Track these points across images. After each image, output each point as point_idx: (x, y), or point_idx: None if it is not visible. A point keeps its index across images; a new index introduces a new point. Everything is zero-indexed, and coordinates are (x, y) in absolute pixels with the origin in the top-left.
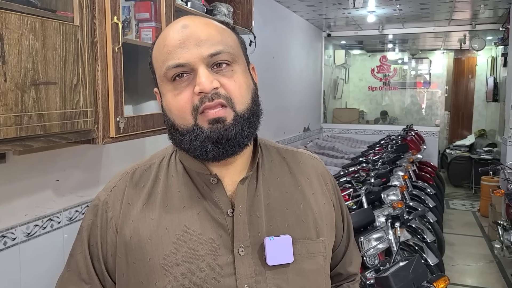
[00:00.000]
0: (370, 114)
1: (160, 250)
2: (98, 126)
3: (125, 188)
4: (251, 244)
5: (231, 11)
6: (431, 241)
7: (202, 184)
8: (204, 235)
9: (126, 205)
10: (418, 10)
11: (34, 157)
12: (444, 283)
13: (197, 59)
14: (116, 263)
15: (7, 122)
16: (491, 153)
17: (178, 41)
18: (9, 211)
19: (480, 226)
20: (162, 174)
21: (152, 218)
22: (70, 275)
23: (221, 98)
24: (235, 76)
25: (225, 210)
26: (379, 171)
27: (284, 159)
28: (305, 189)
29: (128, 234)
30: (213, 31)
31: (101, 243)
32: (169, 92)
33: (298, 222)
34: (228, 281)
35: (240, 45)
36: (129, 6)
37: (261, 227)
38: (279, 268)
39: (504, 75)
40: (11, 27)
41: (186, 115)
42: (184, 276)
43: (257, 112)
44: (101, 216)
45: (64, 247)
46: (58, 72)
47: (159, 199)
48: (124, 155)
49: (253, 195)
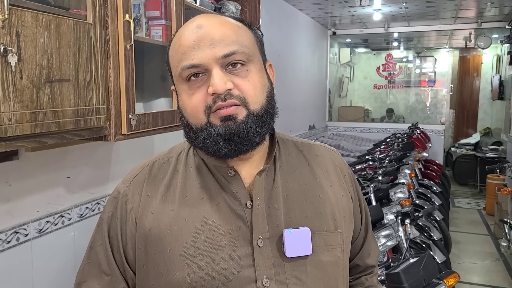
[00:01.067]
0: (375, 112)
1: (180, 241)
2: (110, 123)
3: (144, 180)
4: (269, 236)
5: (239, 9)
6: (438, 239)
7: (220, 177)
8: (223, 227)
9: (146, 197)
10: (424, 8)
11: (45, 154)
12: (454, 279)
13: (211, 60)
14: (136, 255)
15: (23, 119)
16: (497, 152)
17: (192, 42)
18: (21, 207)
19: (486, 224)
20: (180, 167)
21: (172, 210)
22: (90, 267)
23: (234, 98)
24: (250, 76)
25: (244, 202)
26: (387, 169)
27: (301, 152)
28: (322, 181)
29: (148, 226)
30: (228, 30)
31: (121, 235)
32: (184, 91)
33: (317, 214)
34: (247, 272)
35: (257, 42)
36: (139, 4)
37: (279, 219)
38: (298, 260)
39: (510, 73)
40: (27, 24)
41: (199, 114)
42: (204, 267)
43: (271, 112)
44: (120, 208)
45: (75, 244)
46: (71, 69)
47: (178, 191)
48: (133, 152)
49: (271, 187)
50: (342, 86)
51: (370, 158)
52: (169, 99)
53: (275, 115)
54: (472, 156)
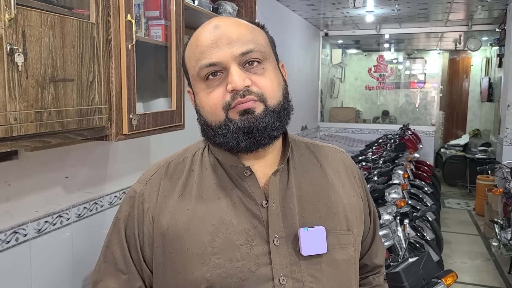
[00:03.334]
0: (365, 113)
1: (197, 239)
2: (112, 123)
3: (160, 180)
4: (285, 234)
5: (235, 9)
6: (431, 239)
7: (235, 177)
8: (240, 225)
9: (162, 196)
10: (415, 10)
11: (45, 154)
12: (452, 278)
13: (229, 58)
14: (153, 254)
15: (28, 118)
16: (486, 153)
17: (210, 41)
18: (20, 207)
19: (476, 224)
20: (196, 167)
21: (188, 209)
22: (106, 266)
23: (253, 94)
24: (266, 73)
25: (259, 201)
26: (382, 169)
27: (313, 153)
28: (334, 182)
29: (165, 225)
30: (244, 30)
31: (138, 234)
32: (202, 90)
33: (330, 213)
34: (264, 271)
35: (270, 43)
36: (139, 4)
37: (294, 218)
38: (313, 259)
39: (499, 75)
40: (32, 24)
41: (218, 111)
42: (221, 265)
43: (288, 108)
44: (137, 207)
45: (73, 244)
46: (75, 69)
47: (194, 190)
48: (131, 152)
49: (285, 187)
50: (333, 87)
51: (363, 159)
52: (168, 99)
53: (291, 111)
54: (461, 157)
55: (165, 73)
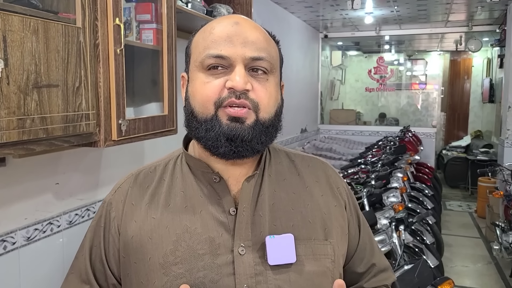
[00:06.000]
0: (366, 115)
1: (160, 249)
2: (100, 129)
3: (128, 189)
4: (252, 243)
5: (230, 12)
6: (430, 243)
7: (205, 183)
8: (204, 234)
9: (129, 205)
10: (415, 11)
11: (34, 160)
12: (449, 286)
13: (239, 57)
14: (120, 264)
15: (9, 126)
16: (488, 154)
17: (226, 34)
18: (9, 215)
19: (477, 227)
20: (167, 176)
21: (154, 217)
22: (72, 277)
23: (248, 100)
24: (268, 85)
25: (227, 208)
26: (379, 173)
27: (292, 162)
28: (313, 190)
29: (130, 234)
30: (261, 37)
31: (104, 243)
32: (199, 79)
33: (304, 222)
34: (226, 281)
35: (279, 60)
36: (130, 7)
37: (263, 226)
38: (281, 268)
39: (500, 76)
40: (14, 29)
41: (209, 105)
42: (182, 276)
43: (277, 126)
44: (105, 216)
45: (64, 251)
46: (60, 74)
47: (162, 199)
48: (123, 158)
49: (257, 194)
50: (333, 89)
51: (362, 162)
52: (160, 103)
53: (279, 130)
54: (463, 159)
55: (157, 77)
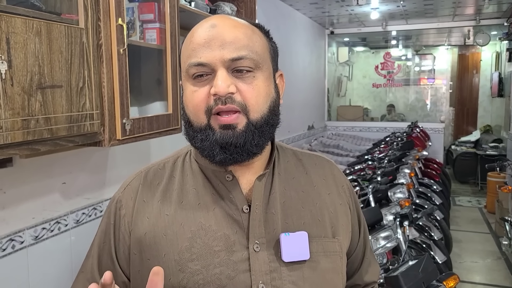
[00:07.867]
0: (374, 111)
1: (175, 246)
2: (104, 129)
3: (138, 186)
4: (266, 240)
5: (234, 10)
6: (438, 239)
7: (217, 182)
8: (219, 231)
9: (141, 202)
10: (421, 6)
11: (40, 160)
12: (454, 281)
13: (218, 61)
14: (130, 261)
15: (14, 126)
16: (497, 149)
17: (203, 40)
18: (17, 215)
19: (487, 222)
20: (177, 173)
21: (167, 214)
22: (82, 276)
23: (235, 104)
24: (255, 82)
25: (241, 206)
26: (385, 169)
27: (300, 161)
28: (320, 189)
29: (143, 231)
30: (240, 34)
31: (114, 241)
32: (188, 88)
33: (314, 220)
34: (242, 277)
35: (269, 50)
36: (133, 7)
37: (276, 224)
38: (295, 265)
39: (509, 70)
40: (17, 31)
41: (200, 114)
42: (199, 272)
43: (272, 122)
44: (114, 214)
45: (72, 250)
46: (64, 75)
47: (174, 196)
48: (130, 157)
49: (268, 193)
50: (340, 85)
51: (369, 158)
52: (165, 102)
53: (277, 125)
54: (472, 154)
55: (161, 77)
